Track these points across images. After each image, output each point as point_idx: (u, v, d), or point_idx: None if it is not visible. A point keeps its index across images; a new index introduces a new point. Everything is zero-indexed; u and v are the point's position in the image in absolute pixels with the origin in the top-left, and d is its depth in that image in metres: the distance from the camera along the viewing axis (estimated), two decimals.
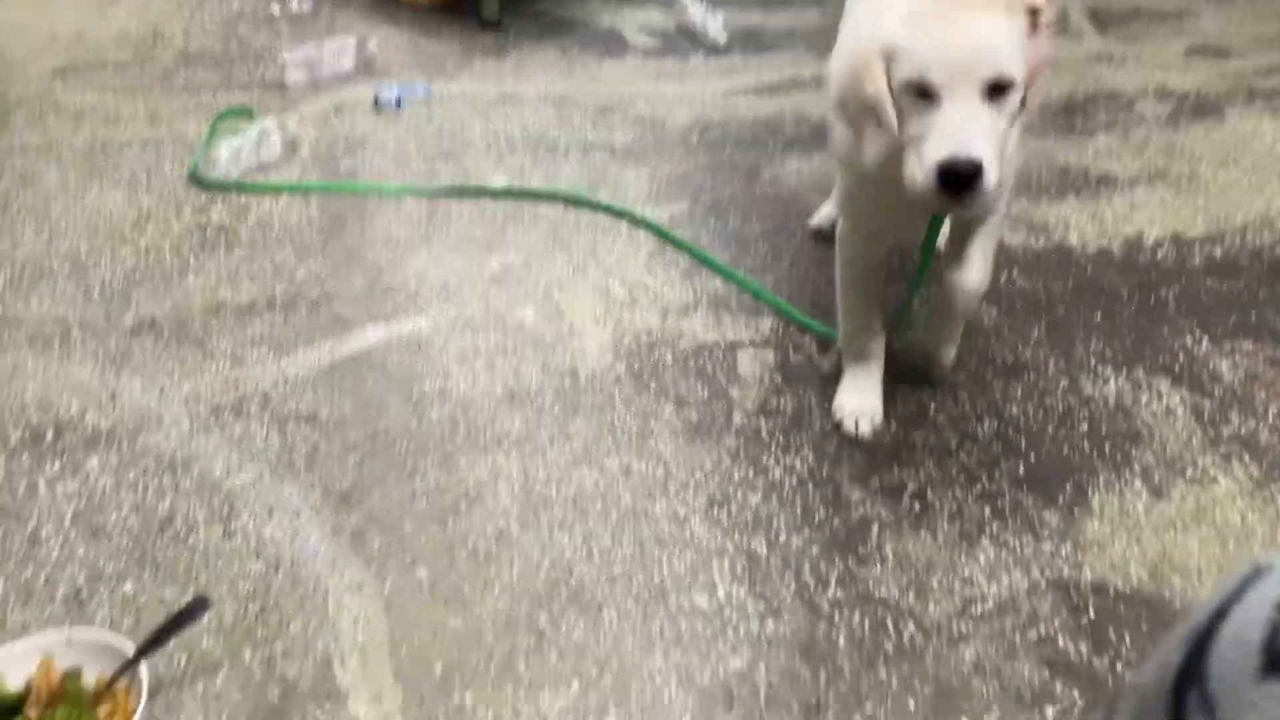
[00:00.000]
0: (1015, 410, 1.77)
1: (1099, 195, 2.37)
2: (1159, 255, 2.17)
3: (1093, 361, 1.87)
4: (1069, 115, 2.74)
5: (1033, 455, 1.67)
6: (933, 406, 1.77)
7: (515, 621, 1.38)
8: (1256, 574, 0.55)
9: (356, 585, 1.43)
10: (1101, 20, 3.30)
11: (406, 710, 1.27)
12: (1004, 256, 2.16)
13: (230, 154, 2.39)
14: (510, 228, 2.24)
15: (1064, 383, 1.83)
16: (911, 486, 1.61)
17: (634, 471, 1.62)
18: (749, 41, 3.20)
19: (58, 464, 1.61)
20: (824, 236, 2.20)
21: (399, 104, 2.67)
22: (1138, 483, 1.62)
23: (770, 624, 1.39)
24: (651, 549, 1.50)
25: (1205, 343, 1.92)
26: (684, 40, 3.22)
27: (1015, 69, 1.29)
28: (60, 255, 2.10)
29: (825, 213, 2.24)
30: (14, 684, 1.21)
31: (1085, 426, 1.73)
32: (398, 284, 2.04)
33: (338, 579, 1.44)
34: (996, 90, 1.29)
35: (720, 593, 1.43)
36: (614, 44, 3.16)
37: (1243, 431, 1.72)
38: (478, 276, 2.07)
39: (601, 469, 1.63)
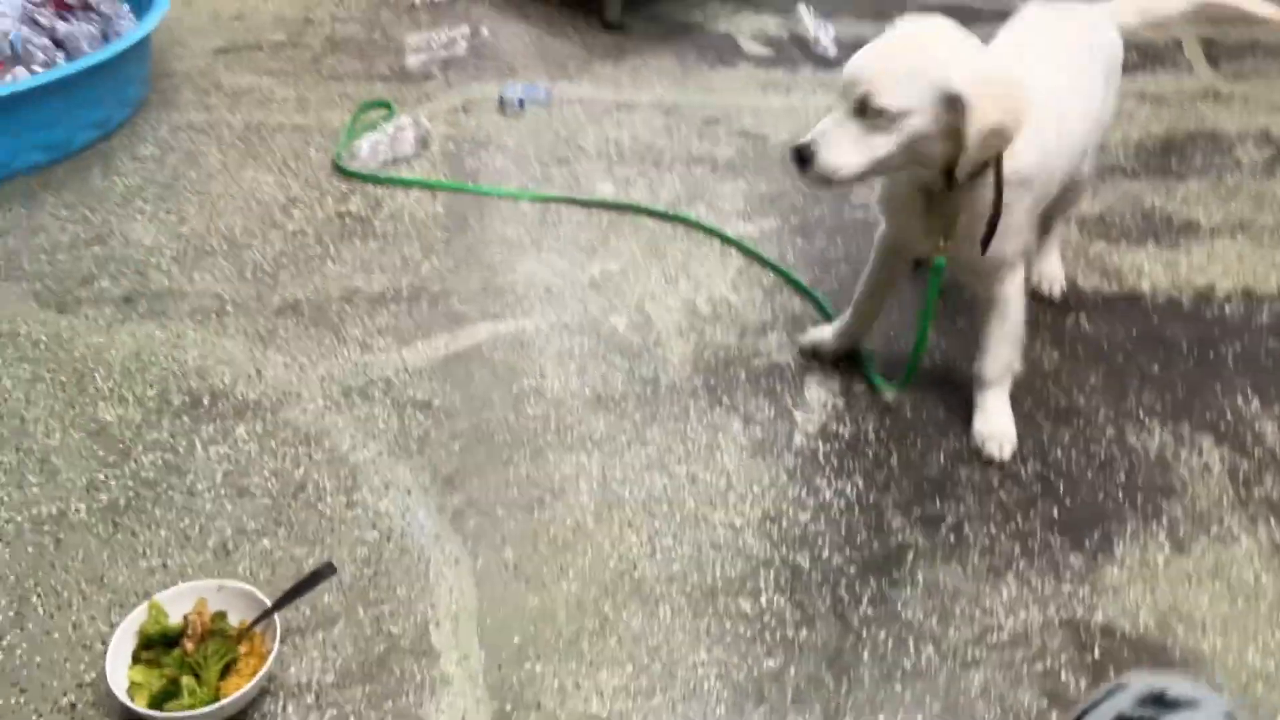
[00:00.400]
0: (1060, 454, 1.89)
1: (1179, 243, 2.44)
2: (1227, 310, 2.24)
3: (1141, 413, 1.98)
4: (1164, 155, 2.79)
5: (1069, 499, 1.81)
6: None
7: (584, 606, 1.60)
8: (1117, 688, 0.70)
9: (454, 560, 1.66)
10: (1215, 54, 3.29)
11: (488, 673, 1.50)
12: (1074, 299, 2.26)
13: (370, 147, 2.63)
14: (613, 235, 2.44)
15: (1111, 431, 1.94)
16: (950, 519, 1.77)
17: (699, 480, 1.82)
18: None
19: (212, 428, 1.88)
20: None
21: (521, 105, 2.88)
22: (1162, 535, 1.74)
23: (804, 632, 1.57)
24: (707, 553, 1.69)
25: (1256, 403, 2.00)
26: (795, 50, 3.33)
27: (892, 101, 1.54)
28: (219, 234, 2.37)
29: None
30: (174, 619, 1.48)
31: (1123, 476, 1.85)
32: (508, 284, 2.25)
33: (438, 552, 1.67)
34: (864, 110, 1.55)
35: (763, 599, 1.62)
36: (728, 51, 3.30)
37: (1274, 494, 1.82)
38: (579, 281, 2.27)
39: (671, 475, 1.82)
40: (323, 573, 1.52)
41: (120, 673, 1.42)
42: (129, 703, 1.37)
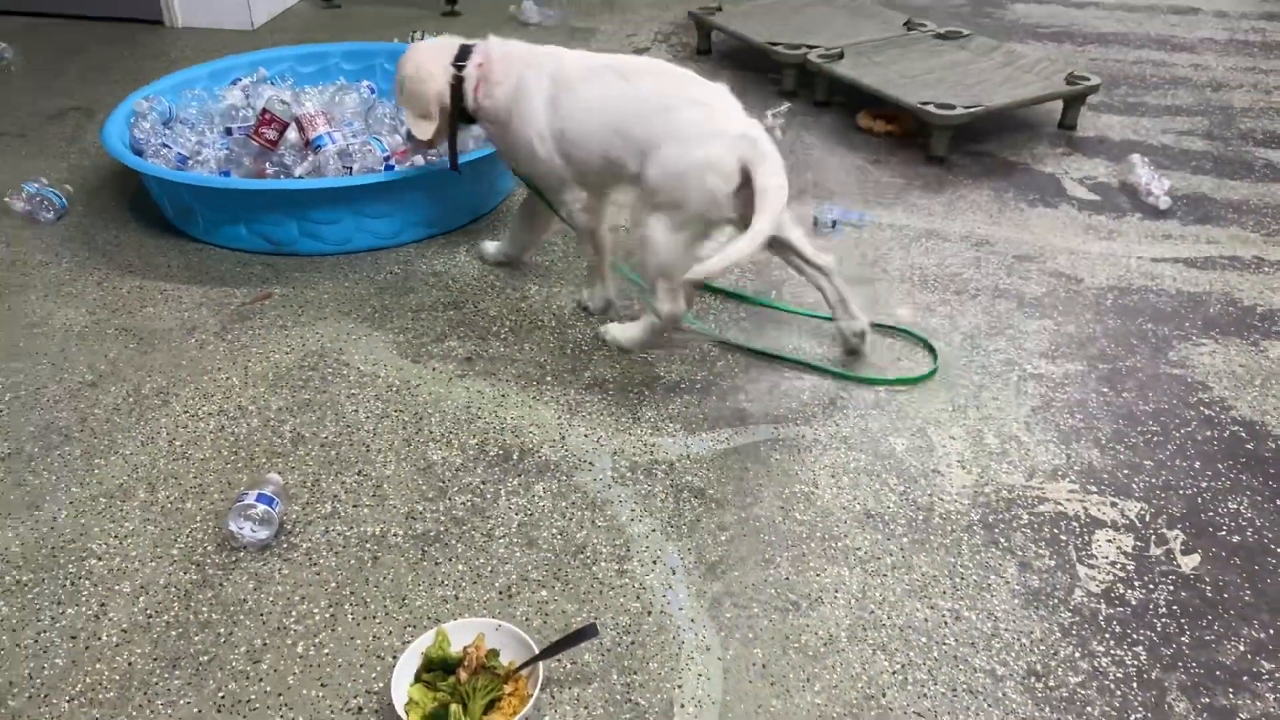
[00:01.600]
0: None
1: None
2: None
3: None
4: None
5: None
6: None
7: None
8: None
9: (705, 646, 1.64)
10: None
11: None
12: None
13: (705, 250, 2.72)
14: (905, 355, 2.36)
15: None
16: (1244, 715, 1.51)
17: (963, 619, 1.68)
18: (1192, 209, 3.02)
19: (516, 481, 2.00)
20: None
21: (834, 225, 2.89)
22: None
23: None
24: (963, 696, 1.55)
25: None
26: (1123, 198, 3.11)
27: (399, 101, 2.51)
28: (550, 313, 2.55)
29: None
30: (455, 648, 1.56)
31: None
32: (794, 390, 2.24)
33: (692, 636, 1.66)
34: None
35: None
36: (1050, 192, 3.14)
37: None
38: (864, 398, 2.22)
39: (933, 607, 1.70)
40: (587, 632, 1.55)
41: (402, 688, 1.51)
42: (404, 718, 1.46)
